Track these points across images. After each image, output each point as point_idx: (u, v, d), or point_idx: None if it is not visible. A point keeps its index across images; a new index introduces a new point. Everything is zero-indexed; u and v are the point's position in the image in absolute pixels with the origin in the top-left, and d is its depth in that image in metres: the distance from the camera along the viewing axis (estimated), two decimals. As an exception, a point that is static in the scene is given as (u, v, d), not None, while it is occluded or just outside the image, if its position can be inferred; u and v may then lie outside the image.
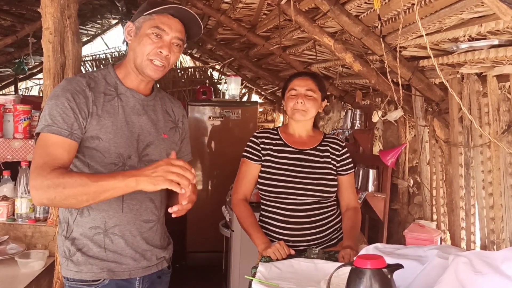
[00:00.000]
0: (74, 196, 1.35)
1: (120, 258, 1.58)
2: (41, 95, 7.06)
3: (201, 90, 5.69)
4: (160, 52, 1.54)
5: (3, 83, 6.56)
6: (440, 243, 2.21)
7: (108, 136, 1.52)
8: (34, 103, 2.61)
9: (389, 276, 1.30)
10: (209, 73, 7.05)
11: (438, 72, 1.70)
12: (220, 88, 6.72)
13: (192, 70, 7.07)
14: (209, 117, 4.97)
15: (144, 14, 1.55)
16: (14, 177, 2.48)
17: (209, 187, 5.06)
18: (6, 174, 2.47)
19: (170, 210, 1.43)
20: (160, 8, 1.53)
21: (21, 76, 6.53)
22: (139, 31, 1.56)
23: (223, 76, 6.79)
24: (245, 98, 6.55)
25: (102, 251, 1.56)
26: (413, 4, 1.72)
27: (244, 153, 2.23)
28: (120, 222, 1.57)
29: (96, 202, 1.41)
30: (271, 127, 4.51)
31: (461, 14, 1.59)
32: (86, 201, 1.37)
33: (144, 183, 1.31)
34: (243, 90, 6.55)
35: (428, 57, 2.16)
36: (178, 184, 1.31)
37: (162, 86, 6.56)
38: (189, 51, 6.77)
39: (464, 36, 1.70)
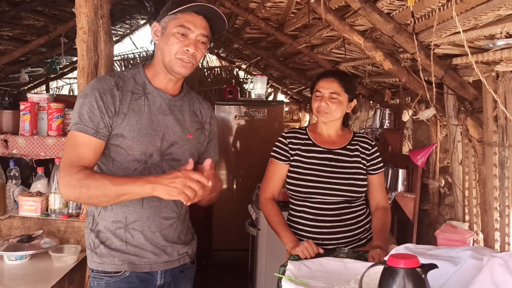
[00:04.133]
0: (97, 197, 1.47)
1: (141, 252, 1.62)
2: (71, 94, 7.22)
3: (227, 89, 5.72)
4: (187, 50, 1.56)
5: (35, 83, 6.72)
6: (473, 245, 2.16)
7: (131, 134, 1.56)
8: (66, 102, 2.67)
9: (423, 276, 1.28)
10: (235, 73, 7.08)
11: (475, 70, 1.66)
12: (246, 88, 6.74)
13: (219, 69, 7.11)
14: (235, 116, 4.99)
15: (169, 13, 1.58)
16: (47, 174, 2.55)
17: (235, 186, 5.08)
18: (40, 171, 2.53)
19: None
20: (184, 7, 1.55)
21: (52, 76, 6.69)
22: (165, 31, 1.59)
23: (249, 76, 6.81)
24: (271, 98, 6.55)
25: (124, 245, 1.60)
26: (448, 1, 1.69)
27: (272, 153, 2.23)
28: (139, 218, 1.61)
29: (116, 203, 1.53)
30: (299, 127, 4.49)
31: (498, 10, 1.55)
32: (107, 202, 1.49)
33: (159, 191, 1.40)
34: (269, 90, 6.55)
35: (461, 55, 2.12)
36: (189, 198, 1.39)
37: (188, 86, 6.60)
38: (215, 51, 6.81)
39: (501, 33, 1.66)
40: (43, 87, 6.91)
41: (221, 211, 4.89)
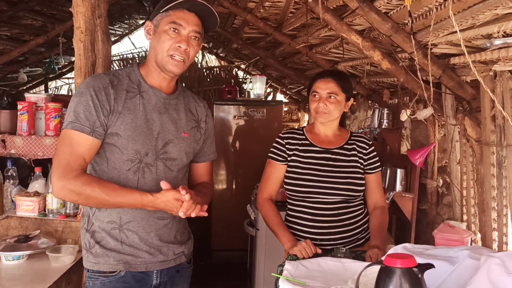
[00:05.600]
0: (94, 204, 1.56)
1: (136, 251, 1.62)
2: (70, 94, 7.21)
3: (226, 89, 5.72)
4: (179, 46, 1.56)
5: (34, 82, 6.71)
6: (471, 244, 2.16)
7: (126, 133, 1.56)
8: (64, 102, 2.66)
9: (419, 276, 1.28)
10: (234, 73, 7.08)
11: (472, 69, 1.66)
12: (245, 88, 6.73)
13: (218, 69, 7.11)
14: (234, 116, 4.99)
15: (161, 11, 1.58)
16: (45, 174, 2.54)
17: (234, 186, 5.07)
18: (37, 171, 2.53)
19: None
20: (175, 3, 1.55)
21: (51, 76, 6.68)
22: (157, 29, 1.59)
23: (248, 76, 6.80)
24: (270, 98, 6.54)
25: (119, 245, 1.60)
26: (445, 0, 1.69)
27: (269, 154, 2.23)
28: (134, 218, 1.61)
29: None
30: (297, 127, 4.50)
31: (495, 9, 1.55)
32: (103, 207, 1.59)
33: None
34: (268, 90, 6.54)
35: (459, 55, 2.12)
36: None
37: (187, 86, 6.61)
38: (214, 51, 6.81)
39: (498, 32, 1.66)
40: (42, 87, 6.90)
41: (220, 211, 4.89)
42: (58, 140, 1.56)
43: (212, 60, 7.26)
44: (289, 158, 2.18)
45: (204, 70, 7.04)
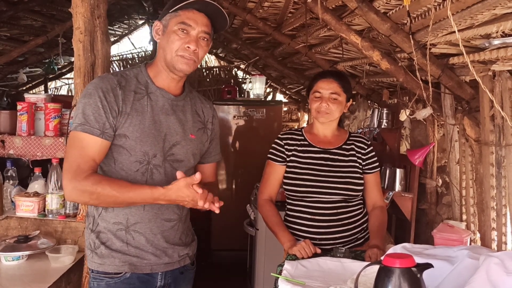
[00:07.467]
0: (106, 203, 1.54)
1: (142, 253, 1.61)
2: (69, 94, 7.21)
3: (226, 89, 5.72)
4: (188, 47, 1.55)
5: (33, 83, 6.72)
6: (470, 244, 2.17)
7: (134, 135, 1.55)
8: (64, 102, 2.67)
9: (418, 276, 1.28)
10: (234, 73, 7.08)
11: (471, 69, 1.66)
12: (244, 88, 6.73)
13: (217, 69, 7.11)
14: (234, 116, 4.99)
15: (170, 11, 1.57)
16: (45, 174, 2.54)
17: (234, 186, 5.08)
18: (37, 171, 2.53)
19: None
20: (185, 3, 1.54)
21: (51, 76, 6.68)
22: (166, 29, 1.58)
23: (247, 76, 6.81)
24: (269, 98, 6.54)
25: (125, 246, 1.60)
26: (444, 0, 1.69)
27: (268, 155, 2.24)
28: (141, 220, 1.60)
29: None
30: (295, 128, 4.51)
31: (494, 9, 1.55)
32: (114, 206, 1.58)
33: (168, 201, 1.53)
34: (268, 90, 6.55)
35: (458, 54, 2.12)
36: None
37: (187, 86, 6.59)
38: (214, 51, 6.81)
39: (497, 32, 1.66)
40: (42, 87, 6.90)
41: (219, 210, 4.88)
42: (68, 143, 1.55)
43: (211, 60, 7.26)
44: (288, 159, 2.18)
45: (203, 70, 7.04)
